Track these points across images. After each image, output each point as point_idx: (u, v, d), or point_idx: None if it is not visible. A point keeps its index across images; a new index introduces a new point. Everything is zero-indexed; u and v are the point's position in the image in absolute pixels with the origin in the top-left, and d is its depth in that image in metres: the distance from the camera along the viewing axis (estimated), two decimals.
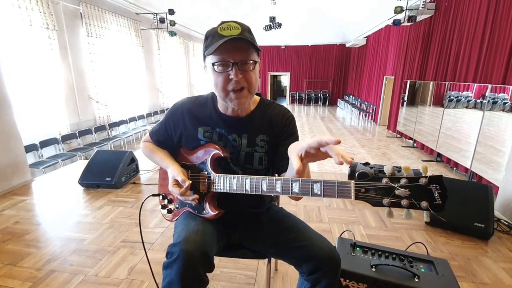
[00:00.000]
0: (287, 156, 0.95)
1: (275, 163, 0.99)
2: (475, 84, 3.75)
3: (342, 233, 1.76)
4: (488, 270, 1.65)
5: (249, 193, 0.82)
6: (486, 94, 3.37)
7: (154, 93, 7.85)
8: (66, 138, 4.65)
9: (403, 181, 0.58)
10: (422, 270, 1.20)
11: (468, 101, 3.88)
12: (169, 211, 1.06)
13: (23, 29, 3.94)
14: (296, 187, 0.72)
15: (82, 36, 5.08)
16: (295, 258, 0.95)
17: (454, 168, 4.27)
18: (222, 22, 0.83)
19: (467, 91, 3.96)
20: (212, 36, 0.84)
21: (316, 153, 0.63)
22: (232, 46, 0.81)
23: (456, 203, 1.96)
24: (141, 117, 6.92)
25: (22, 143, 2.99)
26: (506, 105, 3.10)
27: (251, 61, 0.85)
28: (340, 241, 1.36)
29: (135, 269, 1.63)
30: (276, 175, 1.01)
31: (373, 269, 1.19)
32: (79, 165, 3.46)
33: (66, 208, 2.41)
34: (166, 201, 1.07)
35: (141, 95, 7.13)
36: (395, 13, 5.32)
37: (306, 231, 0.97)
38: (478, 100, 3.64)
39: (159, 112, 7.84)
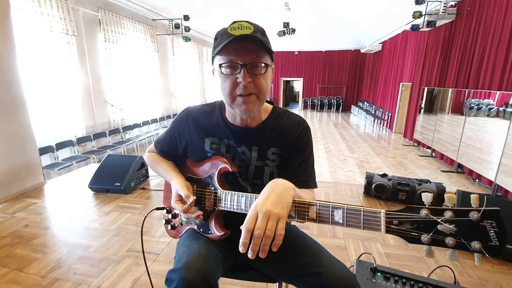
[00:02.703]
0: (297, 174, 0.86)
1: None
2: (498, 92, 3.55)
3: (360, 255, 1.63)
4: None
5: None
6: (510, 102, 3.18)
7: (168, 98, 7.92)
8: (81, 140, 4.72)
9: (448, 214, 0.47)
10: None
11: (490, 109, 3.68)
12: (173, 227, 0.98)
13: (43, 34, 4.04)
14: (313, 213, 0.62)
15: (99, 41, 5.18)
16: (308, 285, 0.85)
17: (477, 180, 4.03)
18: (234, 22, 0.75)
19: (488, 98, 3.76)
20: (221, 36, 0.76)
21: None
22: (241, 46, 0.73)
23: None
24: (154, 120, 6.98)
25: (36, 145, 3.02)
26: None
27: (262, 64, 0.75)
28: (359, 264, 1.24)
29: (139, 281, 1.56)
30: None
31: None
32: (91, 168, 3.47)
33: (75, 212, 2.39)
34: (170, 215, 1.00)
35: (155, 99, 7.20)
36: (413, 18, 5.14)
37: (322, 256, 0.87)
38: (501, 108, 3.43)
39: (172, 116, 7.90)
